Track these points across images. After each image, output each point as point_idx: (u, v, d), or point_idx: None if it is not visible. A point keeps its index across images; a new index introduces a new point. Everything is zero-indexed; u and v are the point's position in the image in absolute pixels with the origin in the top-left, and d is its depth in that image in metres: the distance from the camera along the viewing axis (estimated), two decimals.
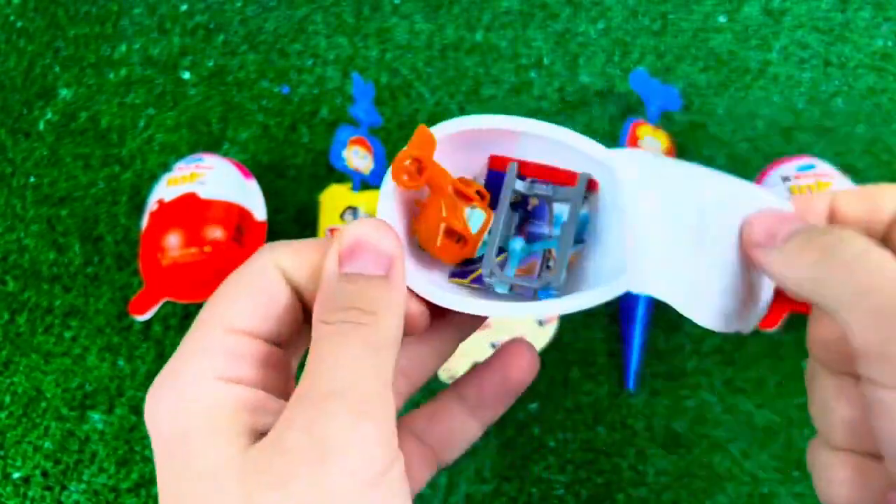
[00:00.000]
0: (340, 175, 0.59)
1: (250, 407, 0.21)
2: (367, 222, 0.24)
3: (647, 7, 0.65)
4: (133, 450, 0.51)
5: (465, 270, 0.30)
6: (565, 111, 0.61)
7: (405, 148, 0.26)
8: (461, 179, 0.29)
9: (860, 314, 0.20)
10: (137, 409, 0.52)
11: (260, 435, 0.21)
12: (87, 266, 0.57)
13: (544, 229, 0.30)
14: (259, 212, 0.54)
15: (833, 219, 0.24)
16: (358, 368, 0.21)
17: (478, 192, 0.29)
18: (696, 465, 0.49)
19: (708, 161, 0.58)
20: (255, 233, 0.53)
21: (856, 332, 0.20)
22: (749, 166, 0.58)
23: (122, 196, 0.59)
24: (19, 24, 0.67)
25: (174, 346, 0.57)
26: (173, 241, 0.50)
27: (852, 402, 0.23)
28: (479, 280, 0.29)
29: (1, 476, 0.51)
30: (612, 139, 0.60)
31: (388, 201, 0.28)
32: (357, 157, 0.55)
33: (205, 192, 0.52)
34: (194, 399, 0.21)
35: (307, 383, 0.21)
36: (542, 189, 0.29)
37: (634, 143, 0.55)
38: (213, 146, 0.61)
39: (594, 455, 0.50)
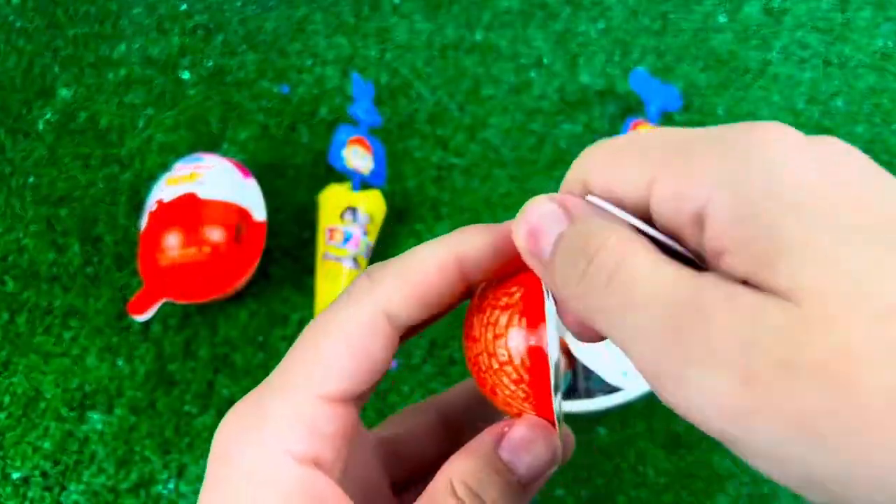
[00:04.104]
0: (340, 175, 0.59)
1: (311, 499, 0.20)
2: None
3: (648, 7, 0.65)
4: (132, 450, 0.51)
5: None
6: (565, 111, 0.61)
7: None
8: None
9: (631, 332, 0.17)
10: (137, 410, 0.52)
11: None
12: (87, 266, 0.57)
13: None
14: (258, 212, 0.54)
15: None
16: None
17: None
18: (696, 466, 0.49)
19: None
20: (255, 233, 0.53)
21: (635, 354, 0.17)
22: None
23: (122, 196, 0.59)
24: (18, 23, 0.67)
25: (173, 346, 0.57)
26: (172, 241, 0.50)
27: None
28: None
29: (0, 476, 0.51)
30: None
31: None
32: (356, 157, 0.55)
33: (204, 193, 0.52)
34: (259, 470, 0.20)
35: None
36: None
37: None
38: (212, 146, 0.61)
39: (594, 456, 0.50)
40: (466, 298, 0.23)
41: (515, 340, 0.21)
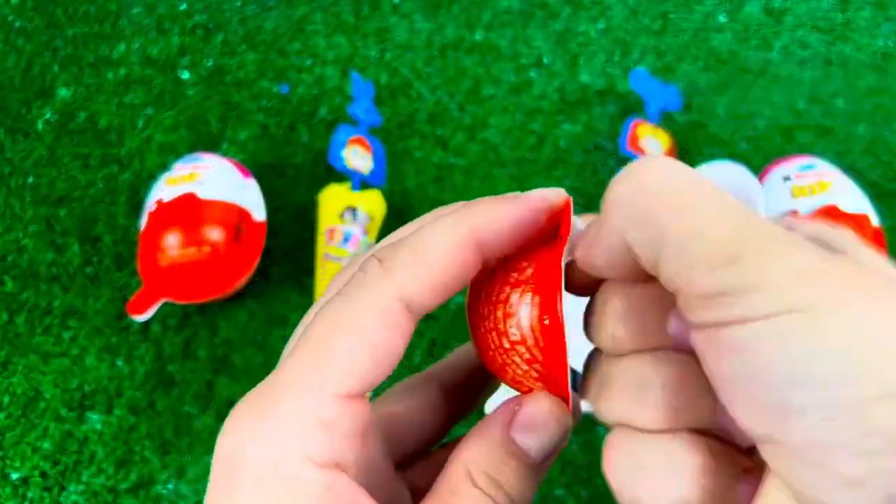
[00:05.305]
0: (340, 175, 0.58)
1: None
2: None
3: (648, 7, 0.65)
4: (132, 450, 0.51)
5: None
6: (565, 111, 0.61)
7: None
8: None
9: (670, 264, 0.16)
10: (136, 410, 0.52)
11: None
12: (86, 266, 0.57)
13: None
14: (258, 211, 0.54)
15: None
16: None
17: None
18: None
19: (709, 160, 0.58)
20: (254, 233, 0.53)
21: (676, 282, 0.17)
22: (750, 166, 0.58)
23: (121, 196, 0.59)
24: (18, 23, 0.67)
25: (173, 346, 0.57)
26: (172, 241, 0.50)
27: (672, 367, 0.20)
28: None
29: (0, 477, 0.51)
30: (612, 139, 0.59)
31: None
32: (356, 157, 0.55)
33: (203, 193, 0.52)
34: (279, 476, 0.19)
35: None
36: None
37: (635, 142, 0.54)
38: (212, 146, 0.61)
39: (594, 456, 0.50)
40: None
41: (528, 319, 0.20)
